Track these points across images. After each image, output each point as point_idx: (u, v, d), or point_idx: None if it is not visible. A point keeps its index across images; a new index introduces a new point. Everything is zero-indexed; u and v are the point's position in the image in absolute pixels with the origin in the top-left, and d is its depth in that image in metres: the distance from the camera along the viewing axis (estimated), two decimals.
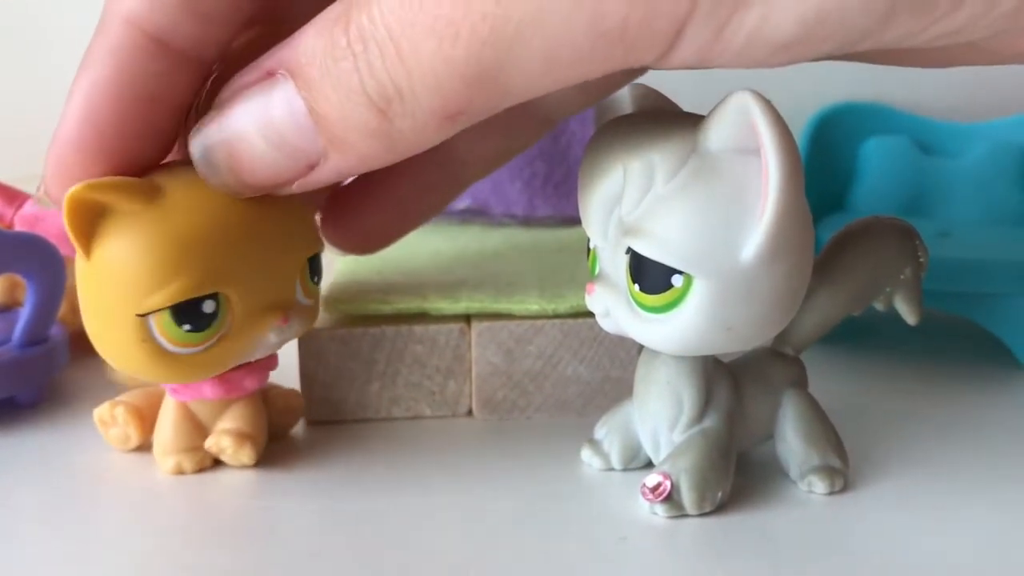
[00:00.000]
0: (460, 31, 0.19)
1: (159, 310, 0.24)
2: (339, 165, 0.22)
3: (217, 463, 0.28)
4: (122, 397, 0.29)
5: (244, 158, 0.22)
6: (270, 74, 0.21)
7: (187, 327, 0.24)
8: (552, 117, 0.31)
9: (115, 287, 0.24)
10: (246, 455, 0.27)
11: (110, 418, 0.28)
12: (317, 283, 0.27)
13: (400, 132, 0.21)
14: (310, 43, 0.21)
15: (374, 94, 0.20)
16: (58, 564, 0.23)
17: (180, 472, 0.27)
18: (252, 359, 0.26)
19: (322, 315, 0.31)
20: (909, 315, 0.27)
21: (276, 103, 0.21)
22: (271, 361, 0.28)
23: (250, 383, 0.27)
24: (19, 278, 0.34)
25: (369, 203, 0.31)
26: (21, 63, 0.49)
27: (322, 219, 0.31)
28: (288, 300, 0.26)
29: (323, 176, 0.22)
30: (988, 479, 0.27)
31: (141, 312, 0.24)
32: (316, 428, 0.30)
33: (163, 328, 0.24)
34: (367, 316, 0.31)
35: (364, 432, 0.30)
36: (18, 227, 0.36)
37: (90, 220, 0.24)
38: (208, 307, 0.24)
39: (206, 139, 0.23)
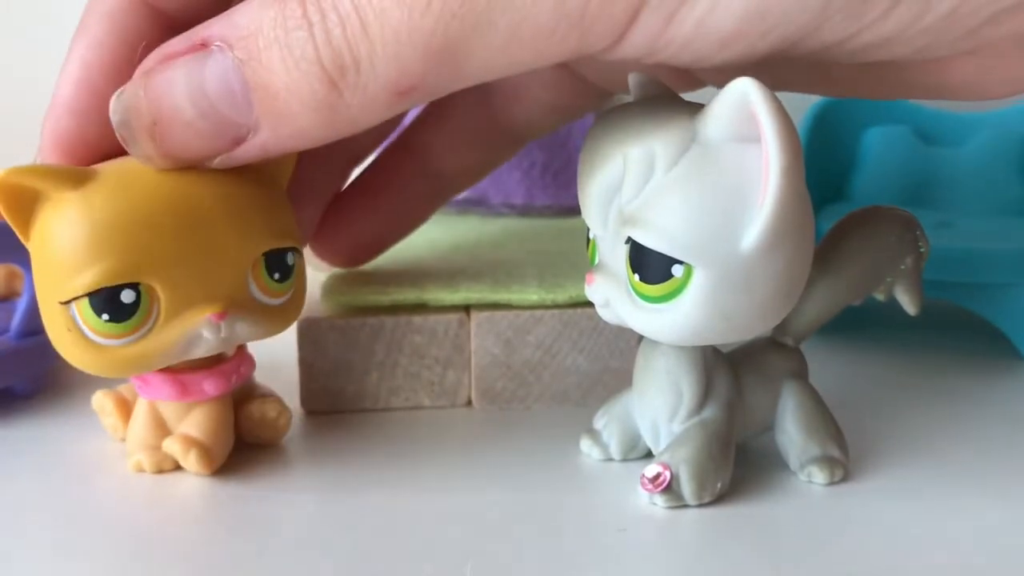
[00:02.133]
0: (432, 1, 0.19)
1: (76, 298, 0.23)
2: (268, 141, 0.22)
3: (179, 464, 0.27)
4: (118, 387, 0.29)
5: (170, 126, 0.22)
6: (204, 45, 0.21)
7: (105, 317, 0.23)
8: (523, 136, 0.32)
9: (44, 273, 0.24)
10: (193, 463, 0.26)
11: (101, 407, 0.29)
12: (280, 281, 0.26)
13: (347, 106, 0.21)
14: (255, 15, 0.21)
15: (329, 63, 0.20)
16: (54, 552, 0.23)
17: (140, 470, 0.27)
18: (190, 357, 0.25)
19: (321, 305, 0.31)
20: (909, 305, 0.27)
21: (211, 73, 0.21)
22: (239, 365, 0.27)
23: (210, 387, 0.26)
24: (17, 268, 0.34)
25: (358, 216, 0.32)
26: (19, 55, 0.49)
27: (312, 236, 0.31)
28: (231, 296, 0.25)
29: (248, 153, 0.22)
30: (988, 470, 0.27)
31: (62, 299, 0.23)
32: (315, 418, 0.30)
33: (85, 317, 0.23)
34: (366, 306, 0.31)
35: (363, 422, 0.30)
36: None
37: (25, 205, 0.23)
38: (127, 297, 0.23)
39: (130, 102, 0.22)
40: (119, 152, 0.24)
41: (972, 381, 0.34)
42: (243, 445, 0.28)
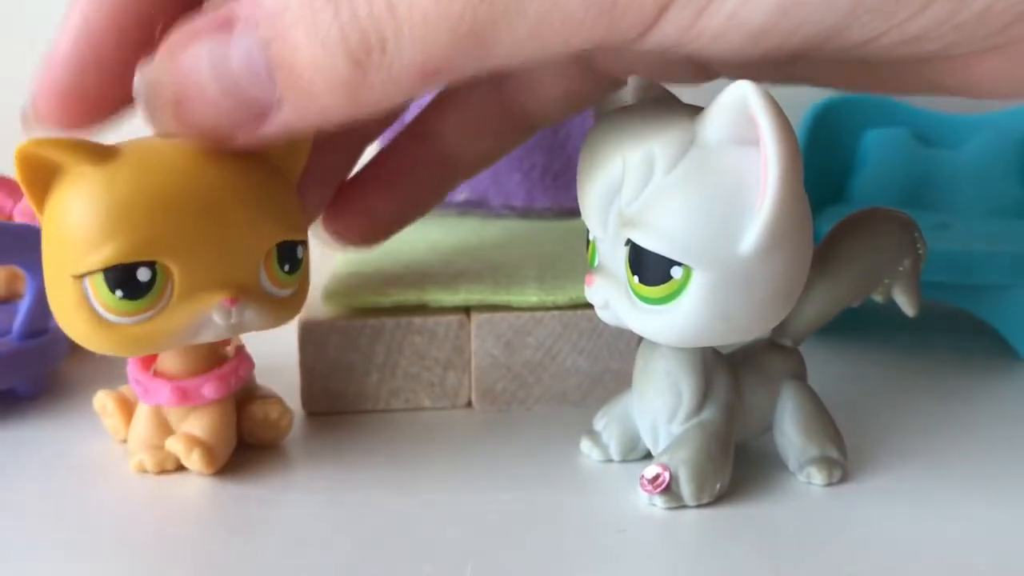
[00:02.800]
0: None
1: (91, 272, 0.23)
2: (291, 119, 0.21)
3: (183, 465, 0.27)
4: (119, 388, 0.29)
5: (192, 101, 0.22)
6: (228, 22, 0.21)
7: (119, 293, 0.23)
8: (534, 123, 0.32)
9: (57, 246, 0.24)
10: (196, 462, 0.26)
11: (102, 408, 0.29)
12: (290, 273, 0.26)
13: (370, 86, 0.20)
14: None
15: (354, 44, 0.20)
16: (57, 553, 0.23)
17: (143, 470, 0.27)
18: (197, 341, 0.25)
19: (321, 307, 0.31)
20: (908, 307, 0.27)
21: (235, 50, 0.21)
22: (238, 367, 0.27)
23: (209, 391, 0.26)
24: (19, 270, 0.34)
25: (371, 196, 0.32)
26: (19, 56, 0.49)
27: (325, 214, 0.31)
28: (243, 283, 0.25)
29: (270, 130, 0.22)
30: (986, 471, 0.27)
31: (76, 273, 0.23)
32: (315, 420, 0.31)
33: (98, 293, 0.23)
34: (366, 308, 0.31)
35: (363, 424, 0.30)
36: (18, 220, 0.36)
37: (43, 177, 0.23)
38: (143, 275, 0.23)
39: (153, 76, 0.22)
40: (115, 108, 0.24)
41: (970, 382, 0.34)
42: (244, 446, 0.28)
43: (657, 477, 0.25)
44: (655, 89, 0.25)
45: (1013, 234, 0.38)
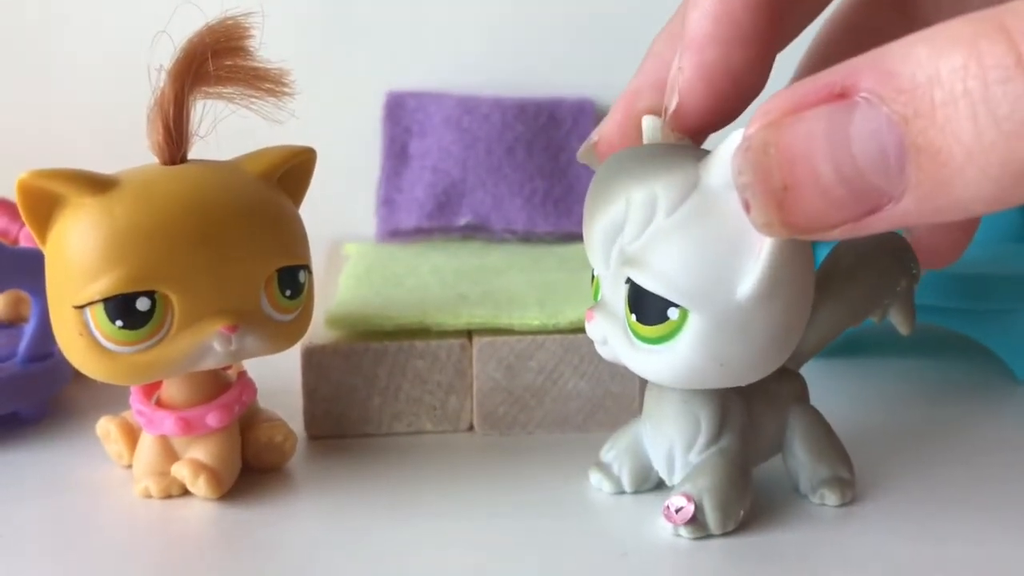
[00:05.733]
0: None
1: (91, 303, 0.23)
2: (908, 213, 0.18)
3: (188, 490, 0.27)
4: (122, 414, 0.29)
5: (803, 189, 0.18)
6: (844, 96, 0.18)
7: (119, 323, 0.24)
8: None
9: (59, 276, 0.24)
10: (202, 487, 0.26)
11: (105, 433, 0.29)
12: (291, 298, 0.26)
13: None
14: (924, 63, 0.17)
15: None
16: None
17: (148, 496, 0.27)
18: (198, 368, 0.25)
19: (324, 331, 0.31)
20: (902, 326, 0.28)
21: (858, 130, 0.17)
22: (241, 394, 0.27)
23: (213, 420, 0.27)
24: (24, 294, 0.34)
25: None
26: (23, 83, 0.50)
27: None
28: (243, 310, 0.25)
29: (878, 224, 0.18)
30: (986, 493, 0.27)
31: (76, 304, 0.24)
32: (318, 443, 0.31)
33: (98, 323, 0.24)
34: (369, 332, 0.31)
35: (366, 447, 0.30)
36: (23, 244, 0.36)
37: (45, 208, 0.24)
38: (142, 305, 0.24)
39: (759, 161, 0.19)
40: (752, 86, 0.23)
41: (970, 405, 0.34)
42: (247, 469, 0.28)
43: (683, 508, 0.25)
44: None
45: (1012, 258, 0.38)
